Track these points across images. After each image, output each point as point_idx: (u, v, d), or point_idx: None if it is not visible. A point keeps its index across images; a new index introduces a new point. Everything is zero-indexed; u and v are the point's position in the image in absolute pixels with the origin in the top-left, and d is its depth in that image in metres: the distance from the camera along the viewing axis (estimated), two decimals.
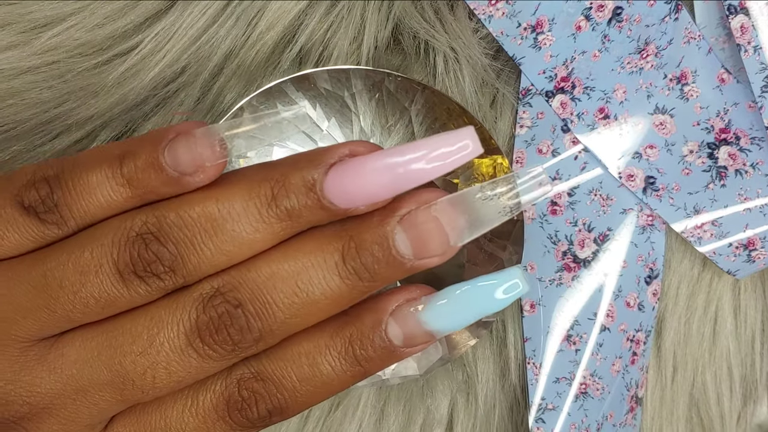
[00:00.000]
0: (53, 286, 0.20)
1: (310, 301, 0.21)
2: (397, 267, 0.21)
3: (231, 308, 0.21)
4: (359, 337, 0.22)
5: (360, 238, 0.21)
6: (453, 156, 0.20)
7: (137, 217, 0.21)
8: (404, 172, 0.20)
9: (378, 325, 0.22)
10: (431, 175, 0.20)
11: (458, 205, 0.21)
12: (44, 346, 0.21)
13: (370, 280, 0.21)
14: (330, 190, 0.20)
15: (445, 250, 0.21)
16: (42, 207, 0.21)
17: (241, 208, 0.20)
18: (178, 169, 0.20)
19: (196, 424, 0.22)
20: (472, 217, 0.21)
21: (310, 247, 0.21)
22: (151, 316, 0.21)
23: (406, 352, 0.22)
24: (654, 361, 0.34)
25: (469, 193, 0.21)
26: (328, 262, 0.21)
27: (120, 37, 0.29)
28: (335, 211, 0.21)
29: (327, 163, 0.21)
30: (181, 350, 0.21)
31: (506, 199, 0.21)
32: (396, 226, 0.21)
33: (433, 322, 0.22)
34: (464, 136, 0.20)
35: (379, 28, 0.30)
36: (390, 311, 0.22)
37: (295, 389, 0.21)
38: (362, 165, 0.20)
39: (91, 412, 0.21)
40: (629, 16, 0.31)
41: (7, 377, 0.21)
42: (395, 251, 0.21)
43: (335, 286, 0.21)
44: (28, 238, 0.21)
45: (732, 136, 0.32)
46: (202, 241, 0.20)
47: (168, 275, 0.20)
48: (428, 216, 0.21)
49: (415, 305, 0.22)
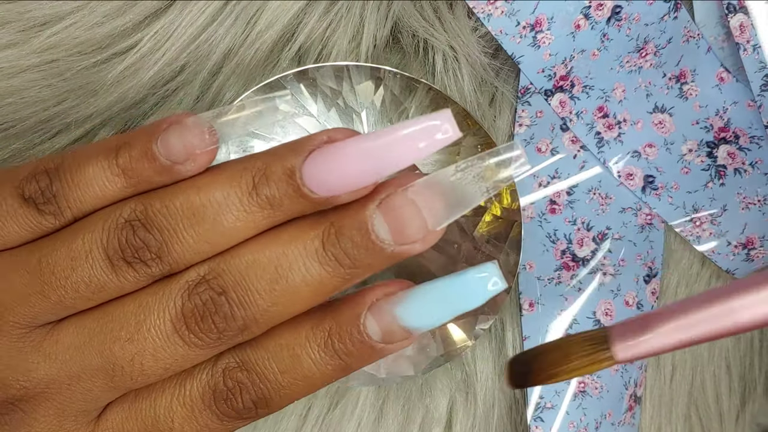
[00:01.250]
0: (46, 272, 0.21)
1: (291, 288, 0.21)
2: (377, 253, 0.21)
3: (215, 295, 0.21)
4: (338, 330, 0.22)
5: (339, 224, 0.21)
6: (430, 139, 0.20)
7: (127, 205, 0.21)
8: (381, 157, 0.20)
9: (356, 318, 0.22)
10: (409, 159, 0.20)
11: (434, 186, 0.21)
12: (40, 332, 0.22)
13: (351, 266, 0.21)
14: (309, 177, 0.20)
15: (425, 234, 0.21)
16: (41, 198, 0.21)
17: (221, 197, 0.21)
18: (170, 157, 0.21)
19: (184, 413, 0.22)
20: (450, 198, 0.20)
21: (290, 234, 0.21)
22: (139, 303, 0.21)
23: (386, 348, 0.22)
24: (653, 360, 0.34)
25: (444, 173, 0.21)
26: (308, 248, 0.21)
27: (119, 35, 0.29)
28: (315, 200, 0.21)
29: (306, 150, 0.21)
30: (168, 337, 0.21)
31: (483, 177, 0.20)
32: (375, 211, 0.21)
33: (408, 318, 0.22)
34: (442, 119, 0.20)
35: (378, 26, 0.30)
36: (368, 305, 0.22)
37: (278, 380, 0.22)
38: (339, 151, 0.20)
39: (85, 398, 0.22)
40: (628, 14, 0.31)
41: (4, 362, 0.21)
42: (374, 236, 0.21)
43: (315, 273, 0.21)
44: (26, 228, 0.21)
45: (731, 134, 0.32)
46: (185, 229, 0.21)
47: (154, 262, 0.21)
48: (405, 199, 0.21)
49: (392, 301, 0.22)
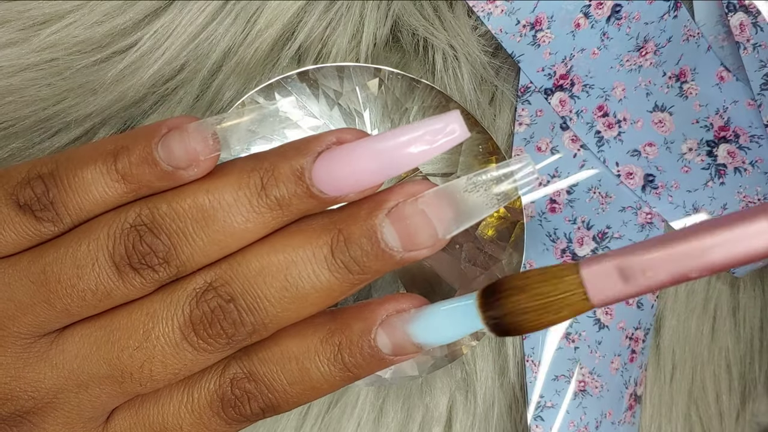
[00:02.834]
0: (51, 281, 0.21)
1: (301, 295, 0.21)
2: (386, 260, 0.21)
3: (223, 303, 0.21)
4: (348, 344, 0.22)
5: (348, 231, 0.21)
6: (439, 140, 0.20)
7: (131, 209, 0.21)
8: (391, 157, 0.20)
9: (367, 333, 0.22)
10: (418, 159, 0.20)
11: (445, 197, 0.21)
12: (46, 341, 0.21)
13: (360, 273, 0.21)
14: (318, 178, 0.21)
15: (434, 242, 0.21)
16: (38, 205, 0.21)
17: (231, 199, 0.21)
18: (172, 163, 0.21)
19: (191, 420, 0.22)
20: (460, 209, 0.21)
21: (299, 240, 0.21)
22: (147, 311, 0.21)
23: (395, 360, 0.22)
24: (653, 359, 0.34)
25: (456, 184, 0.21)
26: (317, 255, 0.21)
27: (119, 34, 0.29)
28: (324, 199, 0.21)
29: (315, 151, 0.21)
30: (176, 344, 0.21)
31: (494, 191, 0.21)
32: (384, 219, 0.21)
33: (420, 336, 0.22)
34: (451, 120, 0.20)
35: (378, 25, 0.30)
36: (379, 321, 0.22)
37: (285, 391, 0.22)
38: (349, 152, 0.20)
39: (94, 405, 0.22)
40: (628, 13, 0.31)
41: (11, 373, 0.21)
42: (383, 244, 0.21)
43: (325, 279, 0.21)
44: (24, 236, 0.21)
45: (731, 133, 0.32)
46: (194, 231, 0.21)
47: (162, 267, 0.21)
48: (415, 209, 0.21)
49: (404, 318, 0.22)
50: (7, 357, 0.21)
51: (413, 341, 0.22)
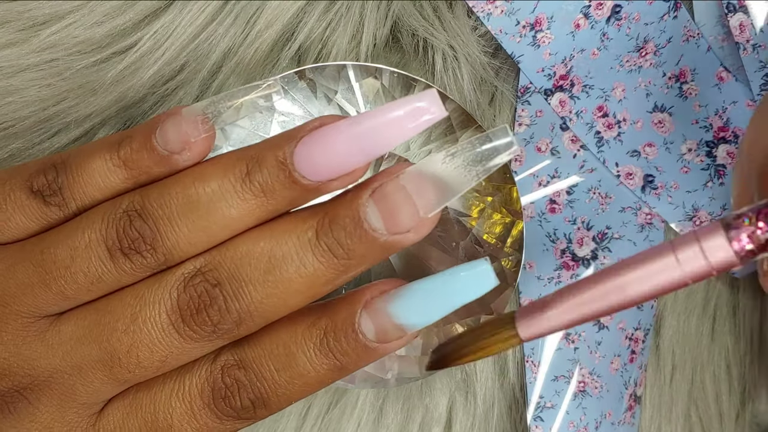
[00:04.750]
0: (48, 262, 0.22)
1: (284, 279, 0.21)
2: (370, 242, 0.21)
3: (209, 287, 0.21)
4: (333, 328, 0.22)
5: (334, 213, 0.21)
6: (417, 119, 0.20)
7: (126, 197, 0.22)
8: (369, 138, 0.20)
9: (351, 316, 0.22)
10: (397, 140, 0.20)
11: (424, 172, 0.21)
12: (44, 323, 0.22)
13: (344, 257, 0.21)
14: (299, 162, 0.21)
15: (416, 221, 0.21)
16: (48, 190, 0.22)
17: (216, 185, 0.21)
18: (167, 147, 0.22)
19: (182, 410, 0.22)
20: (440, 184, 0.21)
21: (286, 225, 0.21)
22: (135, 295, 0.22)
23: (381, 348, 0.22)
24: (653, 359, 0.34)
25: (434, 159, 0.21)
26: (301, 239, 0.21)
27: (119, 34, 0.29)
28: (308, 186, 0.21)
29: (298, 137, 0.21)
30: (163, 329, 0.21)
31: (473, 163, 0.20)
32: (368, 199, 0.21)
33: (401, 315, 0.22)
34: (427, 99, 0.20)
35: (378, 26, 0.30)
36: (363, 303, 0.22)
37: (274, 379, 0.22)
38: (328, 134, 0.21)
39: (87, 390, 0.22)
40: (628, 14, 0.31)
41: (10, 350, 0.22)
42: (366, 224, 0.21)
43: (309, 263, 0.21)
44: (33, 220, 0.22)
45: (730, 134, 0.32)
46: (178, 217, 0.21)
47: (149, 252, 0.21)
48: (396, 185, 0.21)
49: (386, 298, 0.22)
50: (8, 333, 0.22)
51: (395, 322, 0.22)
